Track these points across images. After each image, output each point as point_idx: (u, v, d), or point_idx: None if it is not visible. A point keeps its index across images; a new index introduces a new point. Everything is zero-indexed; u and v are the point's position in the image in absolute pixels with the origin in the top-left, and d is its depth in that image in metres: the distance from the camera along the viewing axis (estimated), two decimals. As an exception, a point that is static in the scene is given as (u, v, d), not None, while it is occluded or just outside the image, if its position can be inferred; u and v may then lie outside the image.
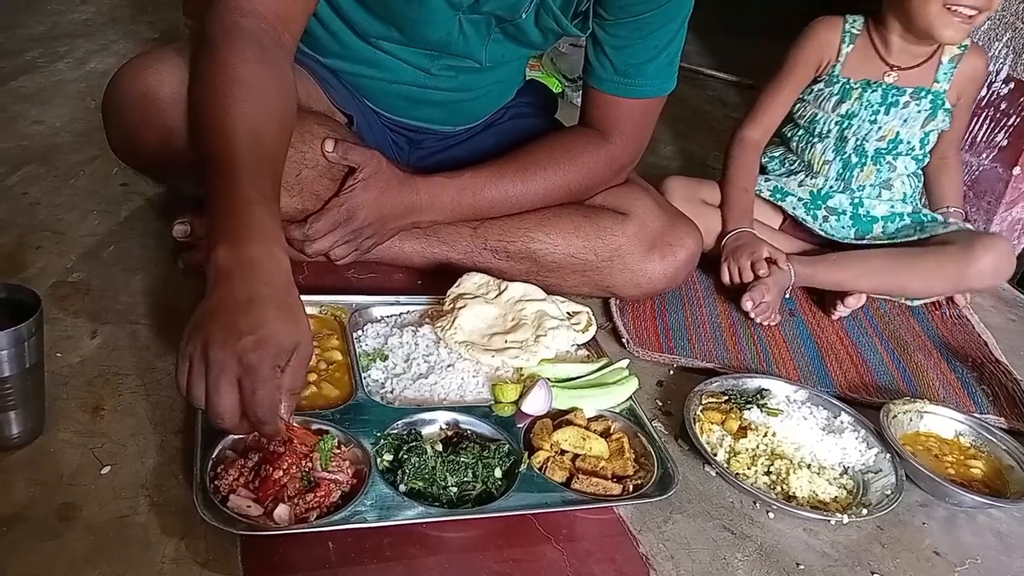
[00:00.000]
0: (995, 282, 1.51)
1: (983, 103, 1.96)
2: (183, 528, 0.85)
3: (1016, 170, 1.91)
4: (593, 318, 1.25)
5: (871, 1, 1.58)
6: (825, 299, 1.56)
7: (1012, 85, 1.91)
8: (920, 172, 1.65)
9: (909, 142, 1.58)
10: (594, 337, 1.24)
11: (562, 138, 1.36)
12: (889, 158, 1.59)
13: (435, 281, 1.32)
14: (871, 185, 1.60)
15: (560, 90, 2.40)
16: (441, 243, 1.34)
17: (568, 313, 1.24)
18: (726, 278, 1.50)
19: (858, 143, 1.58)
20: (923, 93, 1.56)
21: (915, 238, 1.55)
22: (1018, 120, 1.90)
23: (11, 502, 0.85)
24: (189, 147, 1.05)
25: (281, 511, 0.85)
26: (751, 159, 1.62)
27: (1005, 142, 1.93)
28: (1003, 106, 1.93)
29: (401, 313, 1.23)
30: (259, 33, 1.03)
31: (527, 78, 1.54)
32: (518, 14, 1.19)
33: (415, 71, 1.27)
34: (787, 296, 1.51)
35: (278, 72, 1.03)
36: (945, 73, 1.57)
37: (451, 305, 1.18)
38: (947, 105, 1.58)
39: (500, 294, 1.21)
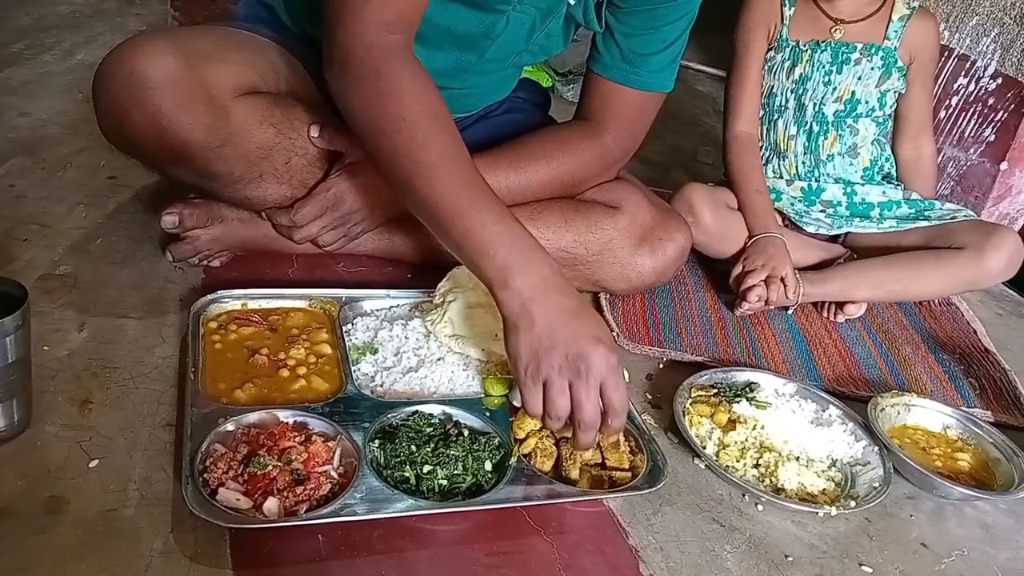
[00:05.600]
0: (1007, 278, 1.51)
1: (971, 98, 1.97)
2: (172, 521, 0.85)
3: (1003, 165, 1.92)
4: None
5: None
6: (822, 302, 1.55)
7: (1000, 80, 1.92)
8: (884, 140, 1.63)
9: (867, 102, 1.57)
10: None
11: (556, 131, 1.36)
12: (850, 121, 1.58)
13: (425, 274, 1.31)
14: (838, 154, 1.59)
15: (551, 84, 2.40)
16: (431, 235, 1.33)
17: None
18: (736, 272, 1.48)
19: (816, 109, 1.57)
20: (874, 49, 1.55)
21: (924, 225, 1.53)
22: (1005, 115, 1.91)
23: (-2, 496, 0.85)
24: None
25: (270, 504, 0.85)
26: (750, 156, 1.59)
27: (992, 137, 1.94)
28: (991, 101, 1.94)
29: (391, 307, 1.23)
30: (407, 46, 1.03)
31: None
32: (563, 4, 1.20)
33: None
34: (789, 311, 1.52)
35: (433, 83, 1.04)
36: (895, 31, 1.56)
37: (441, 299, 1.18)
38: (900, 63, 1.57)
39: None
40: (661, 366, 1.30)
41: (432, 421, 1.01)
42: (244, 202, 1.22)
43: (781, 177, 1.63)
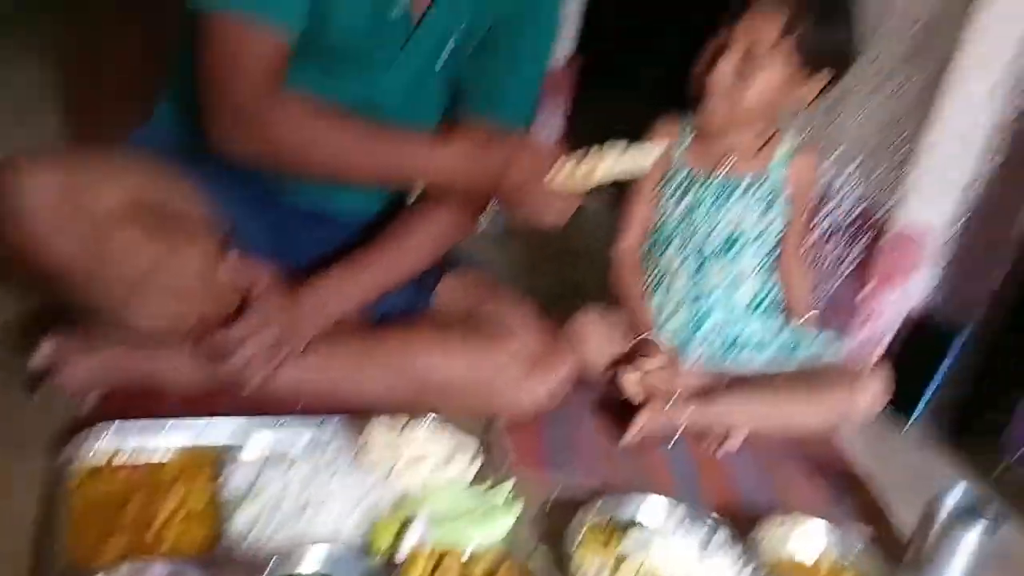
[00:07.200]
0: (876, 413, 1.58)
1: (834, 226, 2.07)
2: None
3: (866, 290, 2.01)
4: (480, 450, 1.25)
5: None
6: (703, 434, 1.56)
7: (860, 209, 2.03)
8: (769, 270, 1.67)
9: (752, 233, 1.62)
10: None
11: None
12: (735, 252, 1.61)
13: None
14: (723, 287, 1.62)
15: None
16: (326, 364, 1.32)
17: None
18: (631, 387, 1.49)
19: (703, 239, 1.61)
20: (761, 181, 1.61)
21: (795, 363, 1.60)
22: (866, 242, 2.01)
23: None
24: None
25: None
26: (633, 271, 1.65)
27: (855, 264, 2.03)
28: (852, 230, 2.04)
29: (275, 444, 1.18)
30: (280, 86, 1.18)
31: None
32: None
33: None
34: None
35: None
36: (780, 165, 1.63)
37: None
38: (784, 195, 1.63)
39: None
40: (556, 493, 1.30)
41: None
42: (125, 323, 1.18)
43: (665, 306, 1.65)
